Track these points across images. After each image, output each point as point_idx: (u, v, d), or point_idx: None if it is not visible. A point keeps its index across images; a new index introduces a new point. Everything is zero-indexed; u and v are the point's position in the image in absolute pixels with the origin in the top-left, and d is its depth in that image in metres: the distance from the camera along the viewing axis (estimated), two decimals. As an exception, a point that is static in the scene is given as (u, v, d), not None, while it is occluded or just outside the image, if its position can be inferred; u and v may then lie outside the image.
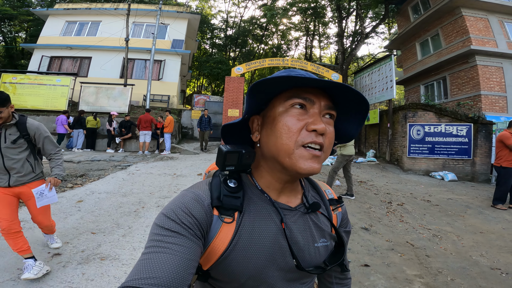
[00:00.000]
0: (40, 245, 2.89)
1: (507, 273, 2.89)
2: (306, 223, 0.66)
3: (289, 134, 0.56)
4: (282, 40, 29.56)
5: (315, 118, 0.57)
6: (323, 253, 0.67)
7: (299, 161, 0.56)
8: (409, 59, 16.53)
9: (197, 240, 0.53)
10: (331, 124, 0.61)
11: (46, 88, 12.20)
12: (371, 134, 13.07)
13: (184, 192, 0.60)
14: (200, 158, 9.27)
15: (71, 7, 17.41)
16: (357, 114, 0.64)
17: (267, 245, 0.59)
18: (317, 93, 0.59)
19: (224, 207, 0.58)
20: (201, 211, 0.56)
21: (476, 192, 7.10)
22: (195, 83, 31.78)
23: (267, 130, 0.61)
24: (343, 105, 0.63)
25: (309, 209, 0.67)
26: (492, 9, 12.65)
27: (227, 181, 0.62)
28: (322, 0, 21.43)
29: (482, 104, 11.51)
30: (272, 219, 0.62)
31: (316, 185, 0.77)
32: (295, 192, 0.68)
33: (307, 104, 0.58)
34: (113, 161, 8.13)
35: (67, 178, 5.55)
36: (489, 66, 11.99)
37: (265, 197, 0.64)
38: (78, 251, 2.82)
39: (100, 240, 3.08)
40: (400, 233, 3.96)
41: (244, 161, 0.61)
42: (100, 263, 2.61)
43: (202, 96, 17.05)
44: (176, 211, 0.54)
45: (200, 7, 30.17)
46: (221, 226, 0.58)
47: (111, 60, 16.00)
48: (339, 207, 0.76)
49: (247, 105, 0.61)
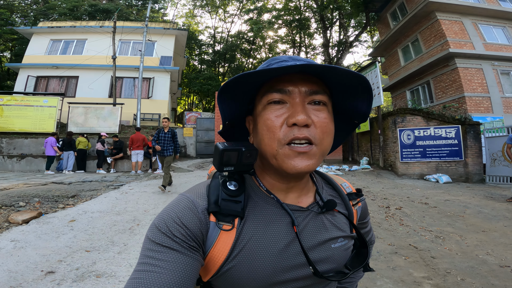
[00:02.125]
0: (33, 264, 2.76)
1: (516, 270, 2.86)
2: (321, 224, 0.60)
3: (269, 134, 0.52)
4: (269, 53, 30.07)
5: (294, 109, 0.51)
6: (342, 255, 0.61)
7: (284, 161, 0.51)
8: (393, 65, 16.98)
9: (193, 253, 0.49)
10: (322, 110, 0.53)
11: (33, 110, 12.00)
12: (363, 142, 13.20)
13: (178, 197, 0.55)
14: (194, 175, 9.14)
15: (56, 25, 17.28)
16: (358, 93, 0.56)
17: (276, 253, 0.53)
18: (297, 80, 0.52)
19: (222, 212, 0.52)
20: (194, 219, 0.51)
21: (472, 192, 7.16)
22: (185, 101, 31.87)
23: (255, 131, 0.58)
24: (340, 87, 0.56)
25: (323, 208, 0.60)
26: (465, 12, 13.15)
27: (227, 183, 0.56)
28: (306, 11, 22.09)
29: (467, 105, 11.81)
30: (281, 223, 0.56)
31: (330, 180, 0.70)
32: (306, 190, 0.62)
33: (284, 96, 0.52)
34: (106, 181, 7.93)
35: (58, 199, 5.36)
36: (469, 68, 12.37)
37: (272, 199, 0.58)
38: (73, 269, 2.69)
39: (95, 258, 2.96)
40: (402, 237, 3.92)
41: (244, 160, 0.54)
42: (96, 281, 2.49)
43: (194, 113, 17.15)
44: (168, 223, 0.50)
45: (187, 24, 30.62)
46: (219, 234, 0.52)
47: (99, 79, 15.85)
48: (359, 201, 0.69)
49: (220, 111, 0.56)
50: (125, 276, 2.60)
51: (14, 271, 2.60)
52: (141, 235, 3.68)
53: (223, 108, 0.56)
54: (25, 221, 3.95)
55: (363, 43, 26.40)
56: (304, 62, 0.49)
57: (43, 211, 4.49)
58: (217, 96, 0.53)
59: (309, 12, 22.28)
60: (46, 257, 2.92)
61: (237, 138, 0.67)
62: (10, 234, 3.54)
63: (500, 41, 13.29)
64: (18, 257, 2.90)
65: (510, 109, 12.16)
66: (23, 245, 3.19)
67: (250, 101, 0.59)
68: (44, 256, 2.93)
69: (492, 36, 13.30)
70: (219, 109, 0.56)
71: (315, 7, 20.60)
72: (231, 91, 0.53)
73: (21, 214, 4.10)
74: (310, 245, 0.56)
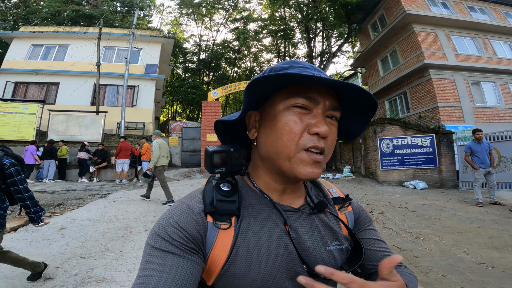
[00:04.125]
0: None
1: (492, 266, 3.11)
2: (313, 225, 0.61)
3: (291, 135, 0.53)
4: (254, 63, 30.29)
5: (318, 119, 0.53)
6: (339, 258, 0.61)
7: (299, 165, 0.53)
8: (373, 76, 17.45)
9: (192, 256, 0.50)
10: (335, 125, 0.57)
11: (12, 117, 11.55)
12: (345, 151, 13.62)
13: (176, 204, 0.57)
14: (182, 184, 9.13)
15: (38, 30, 16.76)
16: (363, 113, 0.60)
17: (272, 252, 0.54)
18: (323, 91, 0.54)
19: (218, 212, 0.54)
20: (191, 221, 0.52)
21: (447, 197, 7.61)
22: (169, 109, 31.43)
23: (265, 128, 0.57)
24: (349, 104, 0.58)
25: (314, 209, 0.62)
26: (439, 23, 13.67)
27: (220, 185, 0.58)
28: (291, 22, 22.65)
29: (441, 115, 12.29)
30: (274, 223, 0.57)
31: (318, 184, 0.72)
32: (299, 192, 0.64)
33: (311, 104, 0.53)
34: (90, 190, 7.78)
35: (44, 207, 5.25)
36: (442, 79, 12.86)
37: (265, 199, 0.60)
38: (71, 275, 2.71)
39: (92, 264, 2.98)
40: (386, 238, 4.16)
41: (234, 161, 0.58)
42: (97, 286, 2.53)
43: (179, 122, 16.94)
44: (166, 227, 0.51)
45: (173, 31, 30.50)
46: (218, 233, 0.53)
47: (81, 86, 15.45)
48: (347, 206, 0.69)
49: (245, 102, 0.55)
50: (125, 281, 2.64)
51: (11, 277, 2.60)
52: (135, 242, 3.70)
53: (250, 99, 0.55)
54: (13, 229, 3.89)
55: (345, 53, 27.38)
56: (326, 76, 0.51)
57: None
58: (251, 84, 0.52)
59: (294, 22, 22.90)
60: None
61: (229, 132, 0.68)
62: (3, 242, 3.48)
63: (471, 51, 13.80)
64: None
65: (480, 119, 12.70)
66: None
67: (262, 96, 0.58)
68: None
69: (463, 47, 13.79)
70: (245, 99, 0.55)
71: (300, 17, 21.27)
72: (265, 84, 0.53)
73: (8, 222, 4.02)
74: (305, 245, 0.57)
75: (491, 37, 14.36)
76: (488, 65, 13.41)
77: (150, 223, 4.59)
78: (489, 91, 13.31)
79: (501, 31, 14.44)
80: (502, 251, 3.54)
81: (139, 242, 3.68)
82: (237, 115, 0.61)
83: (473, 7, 14.78)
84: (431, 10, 13.81)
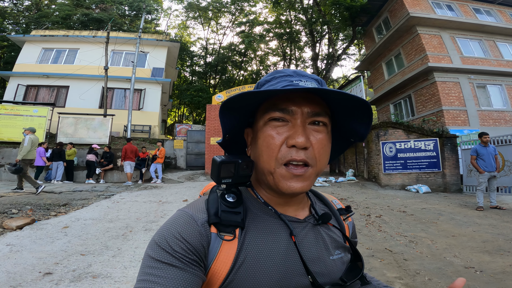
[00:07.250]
0: (30, 266, 2.92)
1: (481, 270, 3.13)
2: (318, 235, 0.61)
3: (269, 152, 0.53)
4: (260, 66, 30.41)
5: (294, 130, 0.52)
6: (340, 267, 0.61)
7: (281, 181, 0.53)
8: (378, 79, 17.41)
9: (193, 269, 0.48)
10: (322, 131, 0.55)
11: (22, 119, 11.95)
12: (349, 154, 13.58)
13: (178, 213, 0.55)
14: (185, 186, 9.29)
15: (48, 34, 17.28)
16: (358, 114, 0.58)
17: (277, 263, 0.53)
18: (299, 100, 0.53)
19: (223, 223, 0.52)
20: (194, 232, 0.51)
21: (448, 201, 7.57)
22: (176, 113, 31.76)
23: (253, 145, 0.59)
24: (345, 105, 0.56)
25: (319, 220, 0.62)
26: (443, 26, 13.60)
27: (225, 195, 0.57)
28: (297, 25, 22.76)
29: (445, 119, 12.20)
30: (280, 234, 0.56)
31: (322, 197, 0.72)
32: (302, 204, 0.64)
33: (287, 115, 0.53)
34: (96, 191, 8.01)
35: (50, 207, 5.46)
36: (447, 82, 12.76)
37: (270, 210, 0.59)
38: (69, 270, 2.86)
39: (90, 261, 3.13)
40: (379, 241, 4.21)
41: (241, 172, 0.57)
42: (93, 281, 2.67)
43: (184, 125, 17.11)
44: (168, 238, 0.50)
45: (179, 35, 30.92)
46: (221, 245, 0.51)
47: (90, 89, 15.89)
48: (349, 216, 0.72)
49: (221, 124, 0.57)
50: (120, 277, 2.78)
51: (13, 272, 2.76)
52: (134, 241, 3.85)
53: (224, 122, 0.57)
54: (19, 227, 4.08)
55: (351, 56, 27.33)
56: (308, 81, 0.52)
57: (36, 218, 4.61)
58: (220, 110, 0.53)
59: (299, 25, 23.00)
60: (42, 260, 3.08)
61: (235, 149, 0.68)
62: (5, 239, 3.68)
63: (477, 54, 13.67)
64: (15, 259, 3.05)
65: (486, 122, 12.56)
66: (19, 249, 3.34)
67: (250, 114, 0.60)
68: (40, 259, 3.09)
69: (468, 50, 13.66)
70: (221, 123, 0.56)
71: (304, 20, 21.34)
72: (234, 105, 0.53)
73: (15, 220, 4.22)
74: (310, 256, 0.57)
75: (497, 39, 14.21)
76: (494, 67, 13.28)
77: (150, 223, 4.73)
78: (495, 94, 13.16)
79: (507, 33, 14.28)
80: (493, 255, 3.56)
81: (138, 241, 3.82)
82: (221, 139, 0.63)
83: (478, 9, 14.65)
84: (435, 13, 13.74)
